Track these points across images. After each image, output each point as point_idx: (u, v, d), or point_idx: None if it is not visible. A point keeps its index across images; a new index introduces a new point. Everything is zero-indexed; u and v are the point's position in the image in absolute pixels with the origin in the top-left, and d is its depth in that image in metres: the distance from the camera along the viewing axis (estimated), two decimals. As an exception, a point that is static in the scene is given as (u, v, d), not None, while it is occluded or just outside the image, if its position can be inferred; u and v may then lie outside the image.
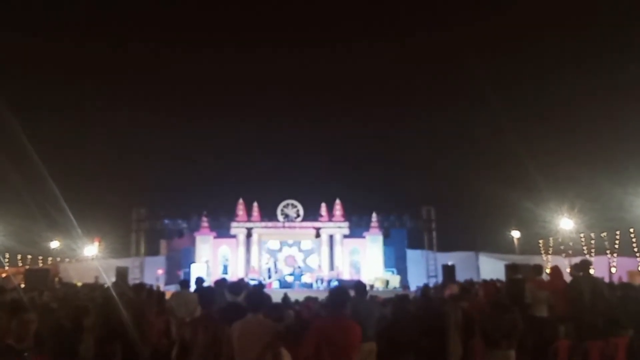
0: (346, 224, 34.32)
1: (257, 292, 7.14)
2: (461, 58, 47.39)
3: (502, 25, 47.00)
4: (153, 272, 33.14)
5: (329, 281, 31.16)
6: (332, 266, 33.73)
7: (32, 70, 45.11)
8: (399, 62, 54.55)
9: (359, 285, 8.78)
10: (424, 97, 52.39)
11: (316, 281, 31.45)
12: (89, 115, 45.93)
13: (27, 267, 32.57)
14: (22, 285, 21.60)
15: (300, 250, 35.01)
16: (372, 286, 28.15)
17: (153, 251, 36.50)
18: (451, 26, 52.78)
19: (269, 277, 32.00)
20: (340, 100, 56.71)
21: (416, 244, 35.65)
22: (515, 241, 37.57)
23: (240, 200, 34.66)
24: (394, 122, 51.90)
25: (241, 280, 14.22)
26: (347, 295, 6.21)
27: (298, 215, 34.33)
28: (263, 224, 34.52)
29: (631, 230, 29.41)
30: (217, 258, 34.19)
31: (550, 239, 34.02)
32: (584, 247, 31.65)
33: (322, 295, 16.06)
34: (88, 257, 35.82)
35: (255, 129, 52.40)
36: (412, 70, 54.00)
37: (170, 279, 32.99)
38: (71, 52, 48.31)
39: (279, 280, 31.68)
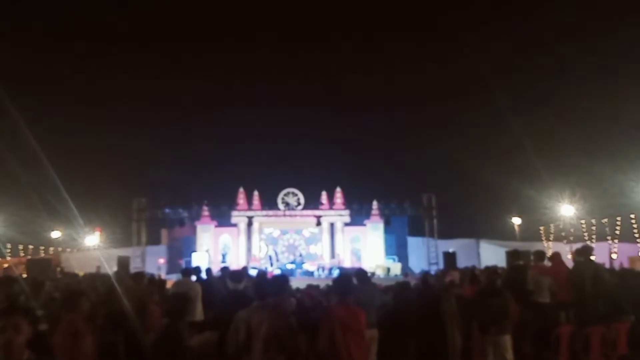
0: (347, 211, 34.36)
1: (264, 280, 7.14)
2: (461, 44, 47.23)
3: (502, 11, 46.82)
4: (154, 262, 33.20)
5: (330, 269, 31.25)
6: (333, 254, 33.82)
7: (32, 61, 44.97)
8: (400, 48, 54.41)
9: (361, 273, 8.79)
10: (425, 84, 52.20)
11: (317, 269, 31.52)
12: (90, 106, 45.90)
13: (29, 257, 32.62)
14: (24, 276, 21.67)
15: (301, 238, 35.09)
16: (373, 273, 28.21)
17: (154, 240, 36.55)
18: (451, 11, 52.55)
19: (271, 265, 32.07)
20: (341, 87, 56.58)
21: (417, 231, 35.71)
22: (516, 228, 37.55)
23: (241, 189, 34.69)
24: (394, 110, 51.80)
25: (243, 269, 14.25)
26: (351, 282, 6.24)
27: (299, 204, 34.36)
28: (264, 212, 34.57)
29: (632, 216, 29.41)
30: (218, 247, 34.28)
31: (551, 225, 34.05)
32: (585, 234, 31.66)
33: (324, 283, 16.11)
34: (89, 246, 35.88)
35: (256, 118, 52.21)
36: (413, 57, 53.82)
37: (171, 268, 33.07)
38: (71, 41, 48.21)
39: (281, 269, 31.74)
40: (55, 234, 36.93)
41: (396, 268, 31.62)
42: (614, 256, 28.95)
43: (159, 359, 5.54)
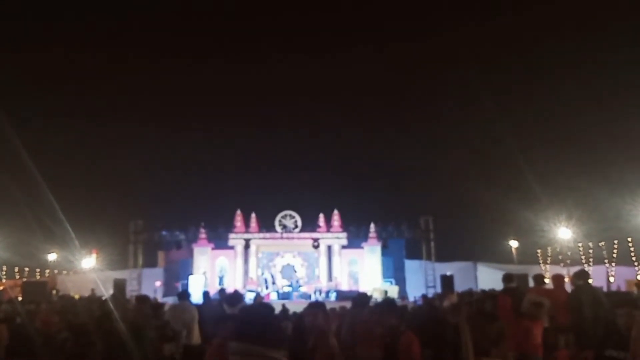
0: (344, 234, 34.29)
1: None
2: (459, 67, 47.52)
3: (501, 33, 47.23)
4: (151, 284, 33.00)
5: (328, 292, 31.10)
6: (330, 277, 33.66)
7: (31, 82, 45.15)
8: (396, 71, 54.76)
9: (361, 296, 8.77)
10: (422, 107, 52.45)
11: (315, 292, 31.33)
12: (87, 128, 45.98)
13: (25, 279, 32.47)
14: (20, 298, 21.53)
15: (298, 261, 34.95)
16: (370, 297, 28.02)
17: (151, 263, 36.40)
18: (448, 34, 52.94)
19: (266, 288, 31.90)
20: (338, 110, 56.76)
21: (414, 254, 35.61)
22: (514, 251, 37.51)
23: (238, 212, 34.64)
24: (392, 132, 52.04)
25: (236, 292, 14.18)
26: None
27: (296, 226, 34.30)
28: (261, 235, 34.48)
29: (629, 239, 29.40)
30: (215, 269, 34.11)
31: (549, 248, 33.99)
32: (582, 257, 31.61)
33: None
34: (86, 269, 35.69)
35: (253, 140, 52.41)
36: (410, 80, 54.13)
37: (168, 290, 32.87)
38: (70, 64, 48.40)
39: (277, 292, 31.57)
40: (52, 256, 36.76)
41: (393, 291, 31.39)
42: (611, 280, 28.90)
43: None
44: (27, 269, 35.32)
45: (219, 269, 34.32)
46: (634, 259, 29.28)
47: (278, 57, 60.29)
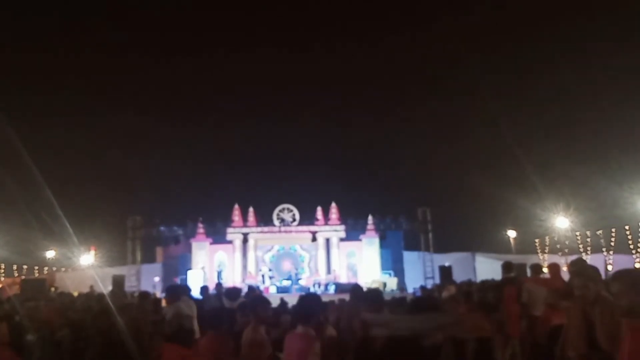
0: (342, 227, 34.31)
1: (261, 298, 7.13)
2: (456, 59, 47.54)
3: (498, 23, 47.21)
4: (149, 280, 33.00)
5: (327, 285, 31.16)
6: (329, 269, 33.70)
7: (28, 78, 45.03)
8: (393, 64, 54.70)
9: (356, 289, 8.77)
10: (419, 98, 52.43)
11: (313, 285, 31.39)
12: (85, 124, 45.90)
13: (23, 277, 32.44)
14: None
15: (296, 254, 34.99)
16: (362, 288, 28.04)
17: (149, 259, 36.41)
18: (445, 25, 52.90)
19: (263, 282, 31.92)
20: (335, 103, 56.76)
21: (413, 246, 35.62)
22: (512, 241, 37.62)
23: (236, 206, 34.64)
24: (388, 125, 51.96)
25: (236, 288, 14.18)
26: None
27: (294, 220, 34.30)
28: (259, 229, 34.48)
29: (627, 227, 29.45)
30: (214, 264, 34.12)
31: (547, 238, 34.07)
32: (580, 246, 31.68)
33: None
34: (84, 265, 35.69)
35: (250, 135, 52.34)
36: (407, 72, 54.12)
37: (166, 286, 32.84)
38: (67, 59, 48.29)
39: (276, 285, 31.61)
40: (50, 253, 36.77)
41: (392, 283, 31.50)
42: (609, 268, 28.96)
43: None
44: (25, 266, 35.31)
45: (218, 264, 34.33)
46: (631, 247, 29.33)
47: (274, 51, 60.15)
